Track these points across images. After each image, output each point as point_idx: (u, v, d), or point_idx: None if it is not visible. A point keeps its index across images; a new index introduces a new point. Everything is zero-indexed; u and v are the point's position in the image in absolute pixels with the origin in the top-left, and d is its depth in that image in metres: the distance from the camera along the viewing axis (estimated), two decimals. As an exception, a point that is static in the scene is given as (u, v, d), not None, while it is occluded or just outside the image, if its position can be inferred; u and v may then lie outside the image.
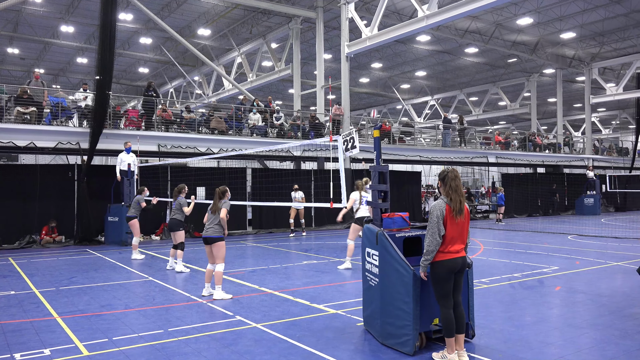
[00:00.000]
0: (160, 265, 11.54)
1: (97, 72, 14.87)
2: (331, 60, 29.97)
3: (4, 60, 32.06)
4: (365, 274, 6.06)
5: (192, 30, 26.58)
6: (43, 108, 16.07)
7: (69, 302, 7.86)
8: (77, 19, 24.85)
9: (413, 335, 5.22)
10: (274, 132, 20.52)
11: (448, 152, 25.13)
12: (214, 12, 24.58)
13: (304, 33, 25.86)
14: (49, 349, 5.61)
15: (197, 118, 19.32)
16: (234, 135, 19.17)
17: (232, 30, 27.04)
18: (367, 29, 19.98)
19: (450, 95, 40.48)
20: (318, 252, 13.43)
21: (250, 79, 27.75)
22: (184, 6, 23.68)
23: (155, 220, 17.56)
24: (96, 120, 15.16)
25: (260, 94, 30.71)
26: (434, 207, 5.09)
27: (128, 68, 34.06)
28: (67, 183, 16.05)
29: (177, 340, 5.87)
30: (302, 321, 6.62)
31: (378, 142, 6.40)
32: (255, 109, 20.27)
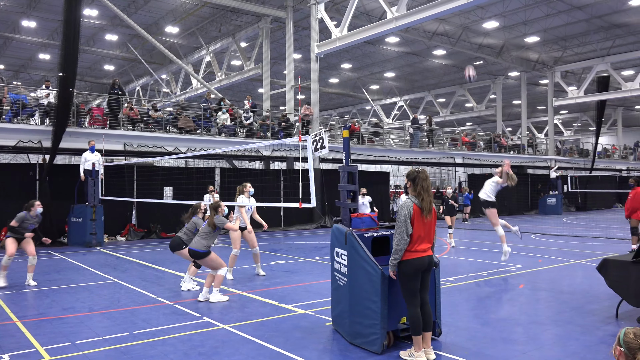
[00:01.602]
0: (125, 267, 11.31)
1: (61, 68, 14.52)
2: (301, 60, 29.95)
3: (-39, 55, 30.90)
4: (334, 273, 6.07)
5: (159, 28, 26.16)
6: (3, 105, 15.56)
7: (29, 305, 7.63)
8: (39, 13, 24.13)
9: (381, 334, 5.26)
10: (243, 132, 20.38)
11: (416, 152, 25.43)
12: (182, 9, 24.26)
13: (273, 32, 25.77)
14: (7, 354, 5.42)
15: (165, 117, 19.02)
16: (202, 134, 18.95)
17: (201, 29, 26.73)
18: (336, 30, 20.04)
19: (418, 97, 40.98)
20: (287, 252, 13.40)
21: (219, 78, 27.48)
22: (151, 3, 23.29)
23: (121, 221, 17.20)
24: (59, 118, 14.77)
25: (229, 93, 30.48)
26: (401, 206, 5.14)
27: (93, 65, 33.28)
28: (28, 183, 15.57)
29: (143, 342, 5.76)
30: (270, 321, 6.59)
31: (347, 142, 6.42)
32: (224, 108, 20.08)
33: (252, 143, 15.29)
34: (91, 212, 14.77)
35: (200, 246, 7.71)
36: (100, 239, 15.12)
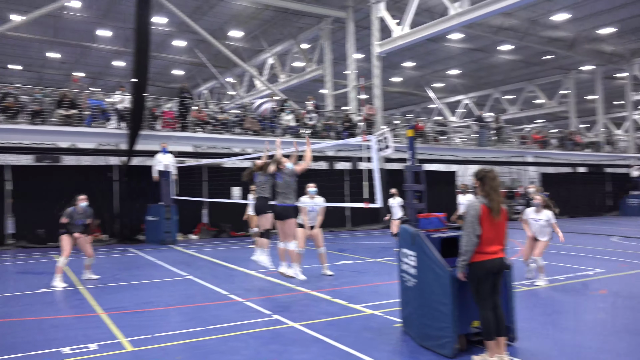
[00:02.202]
0: (198, 264, 11.75)
1: (134, 74, 15.23)
2: (363, 59, 29.85)
3: (45, 64, 33.11)
4: (402, 274, 6.05)
5: (224, 33, 26.90)
6: (83, 110, 16.55)
7: (113, 299, 8.10)
8: (113, 23, 25.46)
9: (452, 338, 5.19)
10: (307, 132, 20.60)
11: (484, 151, 24.71)
12: (245, 14, 24.82)
13: (334, 33, 25.87)
14: (95, 343, 5.80)
15: (231, 119, 19.57)
16: (267, 135, 19.34)
17: (264, 32, 27.25)
18: (398, 28, 19.86)
19: (484, 94, 39.81)
20: (354, 252, 13.43)
21: (282, 80, 27.92)
22: (215, 9, 23.99)
23: (194, 220, 17.86)
24: (134, 122, 15.54)
25: (292, 94, 30.88)
26: (469, 206, 5.06)
27: (163, 70, 34.69)
28: (107, 183, 16.49)
29: (215, 338, 5.98)
30: (339, 321, 6.65)
31: (412, 142, 6.37)
32: (287, 109, 20.40)
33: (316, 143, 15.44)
34: (165, 211, 15.44)
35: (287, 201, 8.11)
36: (174, 237, 15.79)
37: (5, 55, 30.88)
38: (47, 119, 15.91)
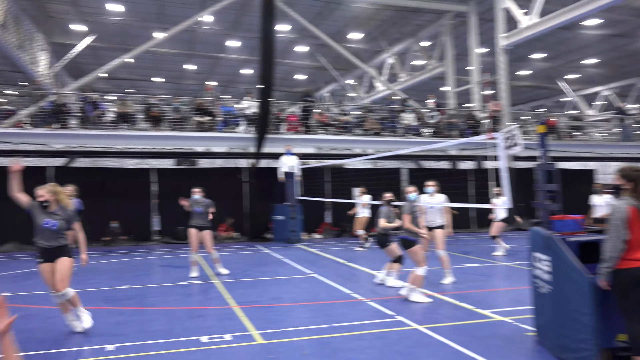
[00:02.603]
0: (322, 263, 12.07)
1: (260, 81, 16.04)
2: (487, 54, 28.55)
3: (183, 75, 36.18)
4: (534, 280, 5.70)
5: (343, 35, 27.31)
6: (216, 117, 17.81)
7: (244, 293, 8.61)
8: (242, 33, 27.04)
9: (594, 351, 4.78)
10: (428, 132, 20.24)
11: (628, 147, 22.37)
12: (364, 15, 24.98)
13: (456, 28, 25.04)
14: (229, 334, 6.21)
15: (352, 120, 19.82)
16: (387, 135, 19.30)
17: (383, 32, 27.21)
18: (525, 18, 18.71)
19: (627, 84, 36.01)
20: (480, 255, 12.91)
21: (402, 79, 27.67)
22: (335, 13, 24.43)
23: (317, 220, 18.38)
24: (261, 126, 16.39)
25: (412, 93, 30.47)
26: (615, 209, 4.62)
27: (286, 76, 36.12)
28: (238, 184, 17.56)
29: (341, 336, 6.10)
30: (466, 326, 6.44)
31: (543, 139, 5.97)
32: (408, 108, 20.18)
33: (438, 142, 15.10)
34: (291, 211, 16.07)
35: (408, 234, 7.98)
36: (299, 236, 16.38)
37: (149, 69, 34.29)
38: (185, 125, 17.37)
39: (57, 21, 25.54)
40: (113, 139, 16.20)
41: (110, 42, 27.53)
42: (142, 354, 5.54)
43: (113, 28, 26.25)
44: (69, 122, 16.51)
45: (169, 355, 5.47)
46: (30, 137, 15.49)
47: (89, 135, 15.98)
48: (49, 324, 6.84)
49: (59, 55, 28.27)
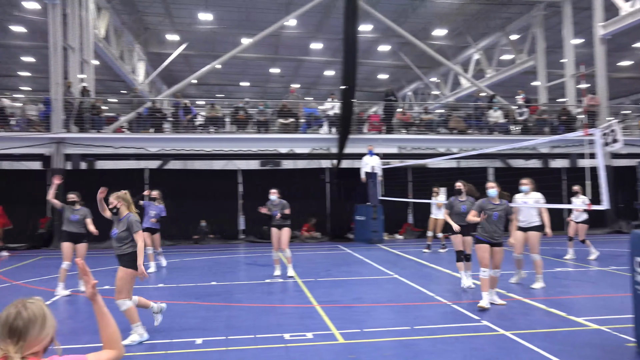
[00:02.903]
0: (404, 264, 11.91)
1: (343, 82, 16.12)
2: (582, 45, 26.82)
3: (268, 79, 37.24)
4: (636, 287, 5.25)
5: (427, 32, 26.80)
6: (299, 118, 18.14)
7: (326, 293, 8.69)
8: (324, 35, 27.37)
9: None
10: (517, 129, 19.34)
11: None
12: (448, 11, 24.36)
13: (548, 19, 23.74)
14: (311, 332, 6.29)
15: (436, 119, 19.39)
16: (473, 134, 18.68)
17: (468, 27, 26.38)
18: (626, 4, 17.36)
19: None
20: (576, 260, 12.12)
21: (489, 75, 26.67)
22: (419, 10, 24.03)
23: (399, 220, 18.18)
24: (343, 127, 16.48)
25: (500, 89, 29.28)
26: None
27: (369, 76, 36.07)
28: (320, 185, 17.77)
29: (423, 338, 5.98)
30: (557, 334, 6.08)
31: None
32: (495, 105, 19.41)
33: (527, 140, 14.40)
34: (372, 212, 16.01)
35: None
36: (380, 237, 16.28)
37: (236, 74, 35.63)
38: (270, 127, 17.85)
39: (153, 32, 27.27)
40: (203, 142, 17.00)
41: (200, 49, 28.94)
42: (227, 348, 5.75)
43: (203, 36, 27.58)
44: (163, 127, 17.56)
45: (253, 351, 5.64)
46: (129, 141, 16.63)
47: (181, 138, 16.89)
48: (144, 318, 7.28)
49: (154, 64, 30.16)
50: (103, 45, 20.63)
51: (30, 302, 1.96)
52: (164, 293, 8.90)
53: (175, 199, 16.18)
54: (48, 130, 16.18)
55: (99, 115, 16.86)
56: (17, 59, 30.55)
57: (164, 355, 5.57)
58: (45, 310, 1.97)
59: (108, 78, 32.19)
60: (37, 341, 1.92)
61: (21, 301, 1.96)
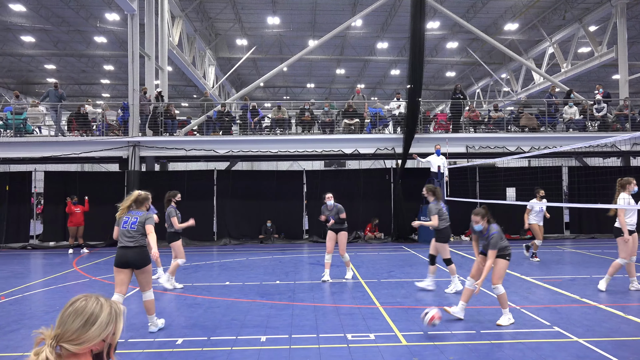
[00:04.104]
0: (469, 266, 11.56)
1: (409, 81, 15.90)
2: (669, 33, 25.02)
3: (334, 80, 37.41)
4: None
5: (498, 27, 25.94)
6: (364, 119, 18.09)
7: (389, 294, 8.62)
8: (390, 34, 27.15)
9: None
10: (594, 126, 18.29)
11: None
12: (521, 4, 23.45)
13: (630, 8, 22.29)
14: (373, 333, 6.27)
15: (506, 116, 18.71)
16: (546, 131, 17.87)
17: (542, 20, 25.27)
18: None
19: None
20: None
21: (564, 69, 25.40)
22: (489, 4, 23.31)
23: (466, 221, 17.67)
24: (408, 126, 16.26)
25: (576, 84, 27.83)
26: None
27: (436, 74, 35.41)
28: (385, 185, 17.63)
29: (489, 343, 5.80)
30: (637, 343, 5.70)
31: None
32: (571, 101, 18.44)
33: (606, 137, 13.58)
34: (436, 212, 15.66)
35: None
36: (446, 238, 15.90)
37: (302, 76, 36.11)
38: (335, 128, 17.93)
39: (223, 38, 28.18)
40: (269, 143, 17.36)
41: (267, 52, 29.58)
42: (291, 346, 5.83)
43: (270, 40, 28.17)
44: (231, 129, 18.10)
45: (316, 350, 5.68)
46: (199, 143, 17.27)
47: (248, 140, 17.33)
48: (211, 313, 7.54)
49: (224, 68, 31.15)
50: (176, 52, 21.54)
51: (95, 298, 1.81)
52: (230, 290, 9.16)
53: (242, 199, 16.60)
54: (125, 134, 17.12)
55: (171, 119, 17.63)
56: (99, 68, 32.58)
57: (229, 351, 5.73)
58: (101, 311, 1.78)
59: (181, 83, 33.66)
60: (78, 338, 1.73)
61: (90, 295, 1.83)
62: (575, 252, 13.87)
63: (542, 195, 12.29)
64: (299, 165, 18.71)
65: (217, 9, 23.92)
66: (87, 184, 16.94)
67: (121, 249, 6.29)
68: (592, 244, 15.81)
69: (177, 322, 7.04)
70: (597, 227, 17.48)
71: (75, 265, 12.64)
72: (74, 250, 15.10)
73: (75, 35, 26.64)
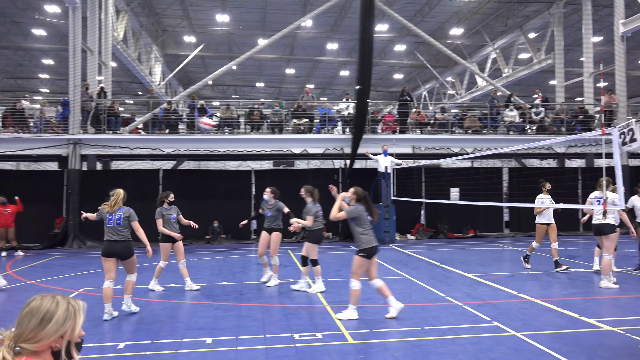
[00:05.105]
0: (415, 264, 11.85)
1: (358, 82, 16.09)
2: (601, 43, 26.45)
3: (283, 79, 37.34)
4: (650, 288, 5.17)
5: (444, 32, 26.65)
6: (313, 119, 18.15)
7: (336, 293, 8.69)
8: (340, 35, 27.37)
9: None
10: (533, 129, 19.12)
11: None
12: (466, 9, 24.19)
13: (567, 17, 23.45)
14: (320, 332, 6.30)
15: (451, 119, 19.26)
16: (488, 133, 18.52)
17: (486, 26, 26.18)
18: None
19: None
20: (588, 260, 11.96)
21: (506, 74, 26.42)
22: (436, 9, 23.90)
23: (411, 221, 18.09)
24: (357, 127, 16.44)
25: (517, 88, 29.00)
26: None
27: (384, 75, 35.98)
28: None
29: (433, 339, 5.95)
30: (569, 335, 6.00)
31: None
32: (512, 105, 19.20)
33: (543, 140, 14.24)
34: (385, 212, 15.96)
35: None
36: (392, 237, 16.22)
37: (252, 75, 35.82)
38: (284, 128, 17.90)
39: (170, 34, 27.56)
40: (217, 142, 17.12)
41: (216, 50, 29.17)
42: (237, 348, 5.77)
43: (219, 37, 27.79)
44: (178, 128, 17.73)
45: (263, 351, 5.65)
46: (144, 142, 16.82)
47: (195, 139, 17.03)
48: (155, 316, 7.37)
49: (171, 65, 30.48)
50: (121, 47, 20.89)
51: (51, 297, 1.83)
52: (175, 292, 8.98)
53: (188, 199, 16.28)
54: (65, 132, 16.44)
55: (115, 117, 17.08)
56: (37, 62, 31.13)
57: (173, 354, 5.61)
58: (57, 309, 1.80)
59: (125, 80, 32.66)
60: (35, 336, 1.76)
61: (46, 294, 1.84)
62: (514, 250, 14.45)
63: (549, 188, 10.74)
64: (247, 165, 18.53)
65: (164, 4, 23.36)
66: (23, 183, 16.14)
67: (108, 242, 7.17)
68: (529, 241, 16.48)
69: (119, 325, 6.83)
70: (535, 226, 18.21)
71: (8, 268, 12.02)
72: (7, 253, 14.34)
73: (12, 26, 25.36)
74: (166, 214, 9.04)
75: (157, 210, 9.08)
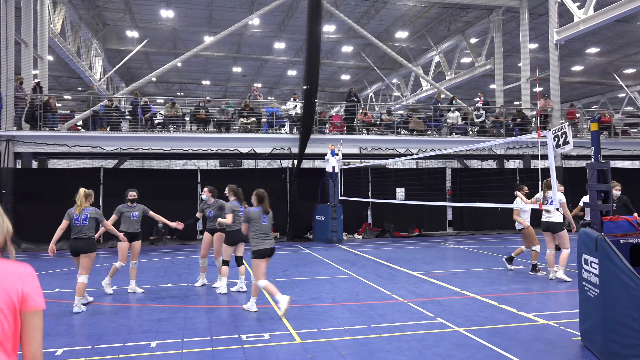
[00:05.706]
0: (362, 263, 12.00)
1: (305, 82, 16.12)
2: (537, 49, 27.73)
3: (230, 78, 36.88)
4: (582, 283, 5.46)
5: (390, 34, 27.13)
6: (261, 118, 18.03)
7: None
8: (287, 35, 27.32)
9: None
10: (474, 131, 19.80)
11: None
12: (411, 13, 24.73)
13: (506, 24, 24.42)
14: (268, 333, 6.27)
15: (396, 120, 19.64)
16: (432, 135, 19.01)
17: (430, 30, 26.86)
18: (580, 12, 18.01)
19: (690, 77, 34.11)
20: (526, 257, 12.49)
21: (449, 77, 27.21)
22: (382, 11, 24.29)
23: (358, 220, 18.31)
24: (304, 127, 16.47)
25: (459, 91, 29.89)
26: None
27: (331, 76, 36.22)
28: (281, 185, 17.71)
29: (379, 337, 6.04)
30: (508, 329, 6.25)
31: (596, 136, 5.71)
32: (453, 107, 19.80)
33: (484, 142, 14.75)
34: (332, 211, 16.08)
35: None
36: (340, 237, 16.36)
37: (197, 72, 35.15)
38: (231, 127, 17.67)
39: (112, 28, 26.60)
40: (161, 141, 16.68)
41: (160, 47, 28.43)
42: (183, 351, 5.65)
43: (164, 33, 27.10)
44: (120, 125, 17.15)
45: (210, 353, 5.56)
46: (84, 139, 16.16)
47: (138, 137, 16.52)
48: (96, 320, 7.10)
49: (113, 61, 29.44)
50: (58, 40, 19.97)
51: None
52: (117, 295, 8.69)
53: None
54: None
55: (52, 113, 16.32)
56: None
57: (116, 359, 5.43)
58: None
59: (64, 74, 31.26)
60: None
61: None
62: (457, 248, 14.91)
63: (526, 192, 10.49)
64: (193, 164, 18.17)
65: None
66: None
67: (73, 240, 7.58)
68: (471, 240, 17.08)
69: (56, 330, 6.53)
70: (476, 225, 18.94)
71: None
72: None
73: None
74: (126, 211, 8.79)
75: (117, 207, 8.85)
